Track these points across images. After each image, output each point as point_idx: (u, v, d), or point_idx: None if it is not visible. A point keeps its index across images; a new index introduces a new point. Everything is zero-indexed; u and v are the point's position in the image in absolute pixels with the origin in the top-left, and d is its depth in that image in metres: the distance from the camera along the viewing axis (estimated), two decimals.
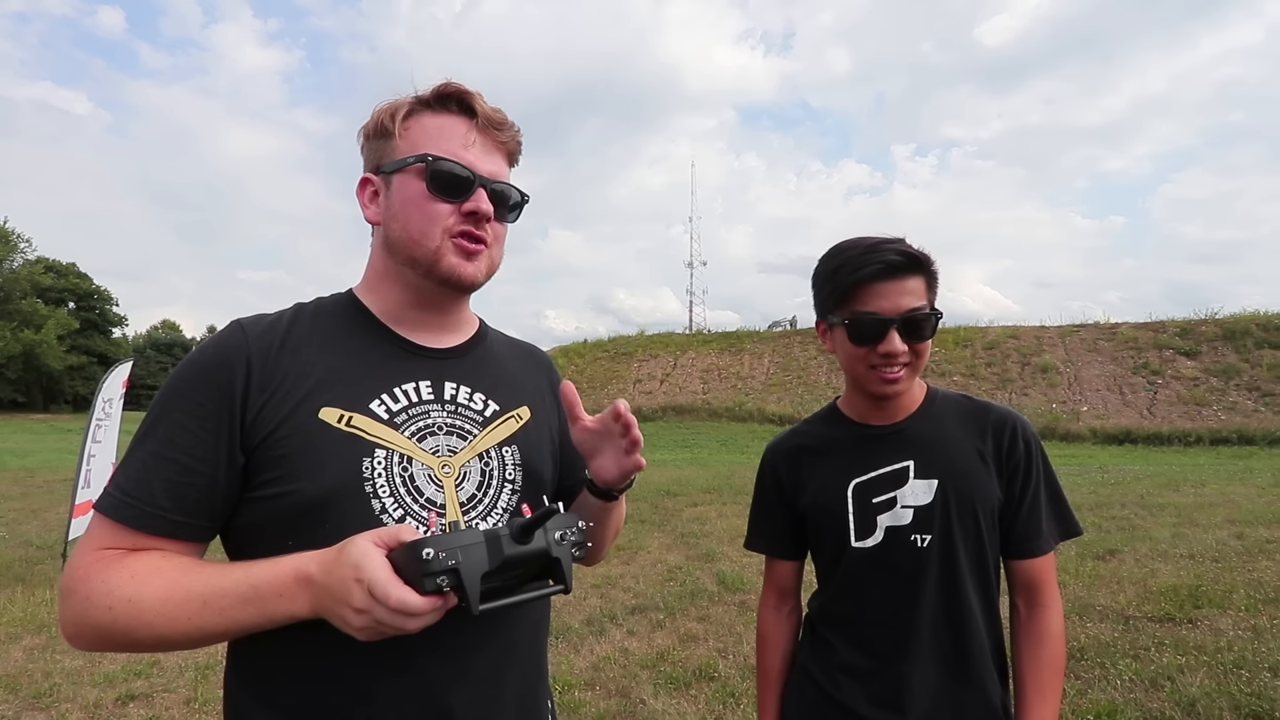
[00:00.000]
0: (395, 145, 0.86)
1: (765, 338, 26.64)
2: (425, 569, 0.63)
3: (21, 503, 9.69)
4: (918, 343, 1.07)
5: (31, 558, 6.42)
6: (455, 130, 0.86)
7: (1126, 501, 7.54)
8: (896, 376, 1.08)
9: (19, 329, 41.33)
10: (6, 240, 42.93)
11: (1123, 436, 15.84)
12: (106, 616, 0.71)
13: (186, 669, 3.56)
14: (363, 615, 0.65)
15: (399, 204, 0.85)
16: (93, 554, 0.74)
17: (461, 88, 0.87)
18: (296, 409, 0.79)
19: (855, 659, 1.14)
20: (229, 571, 0.73)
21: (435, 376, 0.89)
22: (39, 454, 17.84)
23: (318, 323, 0.87)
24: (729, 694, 3.19)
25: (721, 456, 14.76)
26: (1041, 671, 1.10)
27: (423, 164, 0.84)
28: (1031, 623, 1.13)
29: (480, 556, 0.66)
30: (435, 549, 0.64)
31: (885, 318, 1.05)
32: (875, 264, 1.05)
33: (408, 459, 0.82)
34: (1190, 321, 19.81)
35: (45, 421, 33.99)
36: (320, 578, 0.68)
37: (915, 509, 1.11)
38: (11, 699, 3.30)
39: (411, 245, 0.85)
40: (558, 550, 0.71)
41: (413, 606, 0.63)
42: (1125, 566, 4.97)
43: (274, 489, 0.77)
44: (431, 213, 0.84)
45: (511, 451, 0.91)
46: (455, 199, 0.84)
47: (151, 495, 0.75)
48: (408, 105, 0.87)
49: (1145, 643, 3.55)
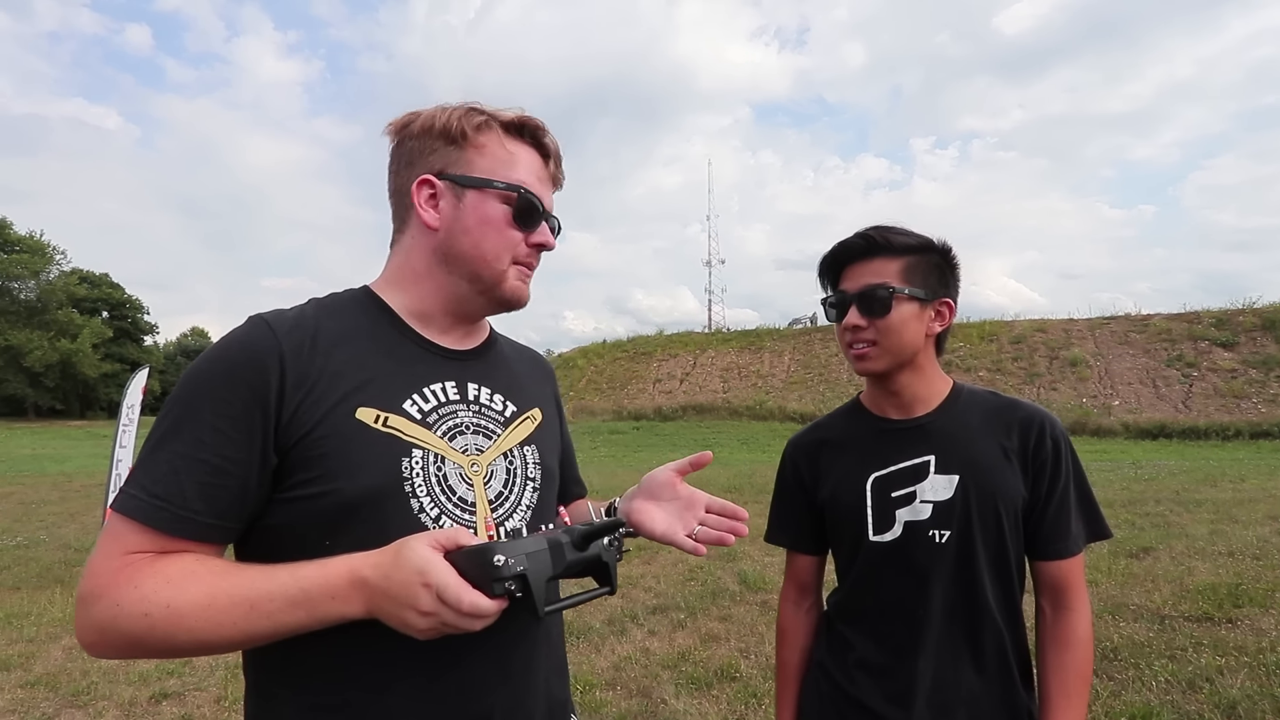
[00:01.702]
0: (468, 158, 0.86)
1: (785, 335, 26.46)
2: (496, 574, 0.67)
3: (60, 506, 10.00)
4: (877, 318, 1.09)
5: (70, 560, 6.62)
6: (533, 164, 0.90)
7: (1161, 498, 7.34)
8: (863, 353, 1.12)
9: (56, 338, 42.65)
10: (43, 253, 44.32)
11: (1157, 431, 15.43)
12: (143, 624, 0.69)
13: (217, 668, 3.63)
14: (429, 618, 0.67)
15: (475, 222, 0.86)
16: (119, 559, 0.71)
17: (538, 122, 0.91)
18: (334, 409, 0.78)
19: (871, 654, 1.13)
20: (274, 574, 0.72)
21: (459, 377, 0.90)
22: (76, 459, 18.41)
23: (344, 321, 0.86)
24: (751, 694, 3.17)
25: (742, 455, 14.69)
26: (1067, 676, 1.08)
27: (513, 193, 0.87)
28: (1057, 626, 1.11)
29: (545, 562, 0.71)
30: (506, 555, 0.68)
31: (844, 295, 1.12)
32: (838, 249, 1.14)
33: (441, 458, 0.83)
34: (1227, 311, 19.23)
35: (82, 428, 35.05)
36: (378, 581, 0.69)
37: (935, 504, 1.10)
38: (52, 697, 3.40)
39: (480, 264, 0.88)
40: (606, 555, 0.78)
41: (485, 609, 0.66)
42: (1160, 564, 4.83)
43: (311, 489, 0.76)
44: (509, 239, 0.88)
45: (531, 450, 0.93)
46: (529, 229, 0.89)
47: (184, 498, 0.72)
48: (483, 119, 0.87)
49: (1182, 643, 3.44)
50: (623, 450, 17.19)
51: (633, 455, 15.70)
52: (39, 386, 43.45)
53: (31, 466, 16.67)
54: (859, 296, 1.09)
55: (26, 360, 41.16)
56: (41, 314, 43.30)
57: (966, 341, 21.43)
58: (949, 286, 1.14)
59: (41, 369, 42.00)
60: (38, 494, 11.36)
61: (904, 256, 1.10)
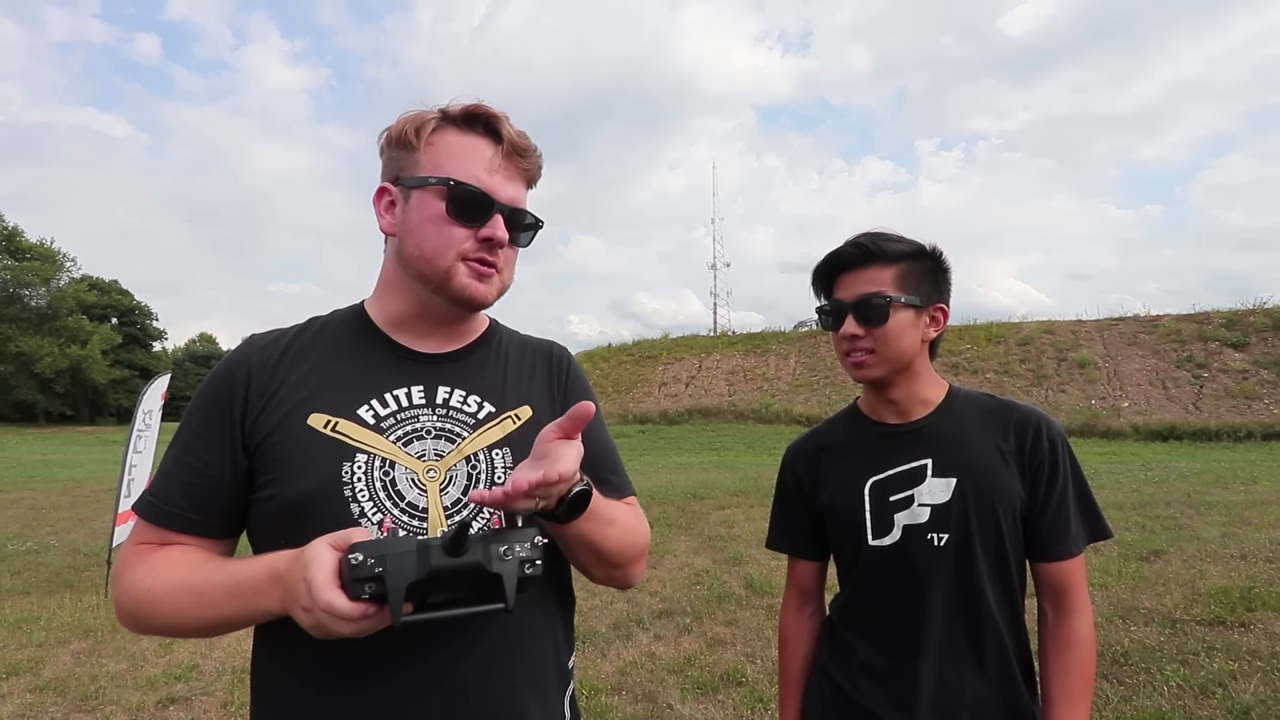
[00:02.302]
0: (417, 159, 0.86)
1: (791, 338, 26.39)
2: (353, 574, 0.63)
3: (70, 512, 10.07)
4: (874, 327, 1.09)
5: (79, 565, 6.66)
6: (480, 153, 0.86)
7: (1172, 500, 7.26)
8: (860, 360, 1.12)
9: (66, 345, 43.07)
10: (53, 260, 44.79)
11: (1167, 433, 15.28)
12: (134, 604, 0.80)
13: (224, 673, 3.64)
14: (308, 614, 0.66)
15: (416, 221, 0.86)
16: (132, 548, 0.84)
17: (490, 110, 0.87)
18: (288, 415, 0.83)
19: (874, 659, 1.13)
20: (223, 567, 0.79)
21: (429, 381, 0.89)
22: (86, 465, 18.54)
23: (323, 334, 0.91)
24: (757, 699, 3.15)
25: (748, 459, 14.64)
26: (1070, 678, 1.07)
27: (444, 186, 0.84)
28: (1059, 628, 1.10)
29: (408, 566, 0.64)
30: (364, 554, 0.63)
31: (840, 303, 1.12)
32: (831, 257, 1.13)
33: (389, 463, 0.83)
34: (1237, 312, 19.04)
35: (91, 433, 35.32)
36: (284, 576, 0.71)
37: (933, 507, 1.10)
38: (61, 701, 3.42)
39: (424, 263, 0.86)
40: (499, 566, 0.67)
41: (339, 610, 0.64)
42: (1171, 567, 4.78)
43: (267, 491, 0.83)
44: (448, 235, 0.85)
45: (503, 454, 0.88)
46: (473, 223, 0.85)
47: (170, 495, 0.83)
48: (434, 120, 0.86)
49: (1194, 647, 3.40)
50: (629, 454, 17.08)
51: (639, 459, 15.68)
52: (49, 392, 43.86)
53: (41, 472, 16.80)
54: (855, 305, 1.10)
55: (37, 367, 41.57)
56: (52, 321, 43.75)
57: (974, 343, 21.32)
58: (942, 291, 1.15)
59: (52, 375, 42.41)
60: (48, 499, 11.44)
61: (898, 264, 1.10)
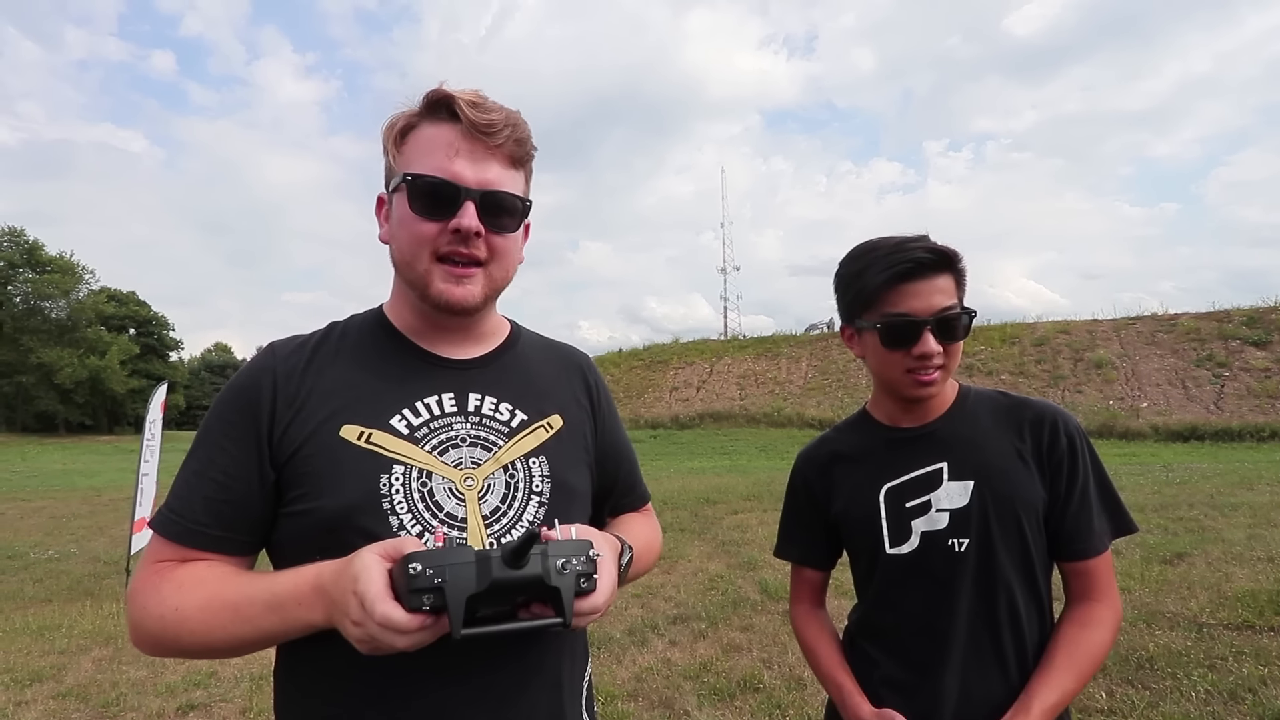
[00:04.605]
0: (397, 164, 0.84)
1: (802, 341, 26.28)
2: (411, 585, 0.61)
3: (90, 520, 10.21)
4: (951, 343, 1.04)
5: (99, 573, 6.75)
6: (444, 141, 0.80)
7: (1195, 501, 7.13)
8: (932, 379, 1.04)
9: (85, 356, 43.74)
10: (72, 273, 45.55)
11: (1188, 433, 15.02)
12: (159, 625, 0.75)
13: (242, 679, 3.66)
14: (359, 628, 0.64)
15: (395, 225, 0.84)
16: (150, 567, 0.79)
17: (446, 92, 0.80)
18: (320, 427, 0.80)
19: (896, 672, 1.09)
20: (259, 580, 0.76)
21: (459, 388, 0.87)
22: (105, 474, 18.80)
23: (345, 341, 0.88)
24: (774, 705, 3.12)
25: (761, 463, 14.57)
26: (1077, 649, 1.03)
27: (403, 182, 0.80)
28: (1079, 610, 1.06)
29: (468, 577, 0.62)
30: (423, 565, 0.61)
31: (918, 319, 1.01)
32: (904, 263, 1.01)
33: (427, 474, 0.80)
34: (1258, 309, 18.71)
35: (110, 443, 35.80)
36: (329, 588, 0.69)
37: (951, 512, 1.06)
38: (83, 707, 3.45)
39: (405, 268, 0.85)
40: (557, 580, 0.66)
41: (396, 623, 0.62)
42: (1196, 570, 4.68)
43: (300, 505, 0.79)
44: (418, 233, 0.80)
45: (540, 462, 0.87)
46: (442, 217, 0.79)
47: (193, 512, 0.78)
48: (404, 119, 0.84)
49: (1221, 652, 3.32)
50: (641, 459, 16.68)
51: (651, 464, 15.63)
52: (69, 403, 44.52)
53: (62, 481, 17.06)
54: (937, 322, 1.01)
55: (57, 377, 42.23)
56: (71, 332, 44.46)
57: (988, 344, 21.11)
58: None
59: (71, 385, 43.06)
60: (68, 508, 11.61)
61: (956, 272, 1.05)
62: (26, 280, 43.94)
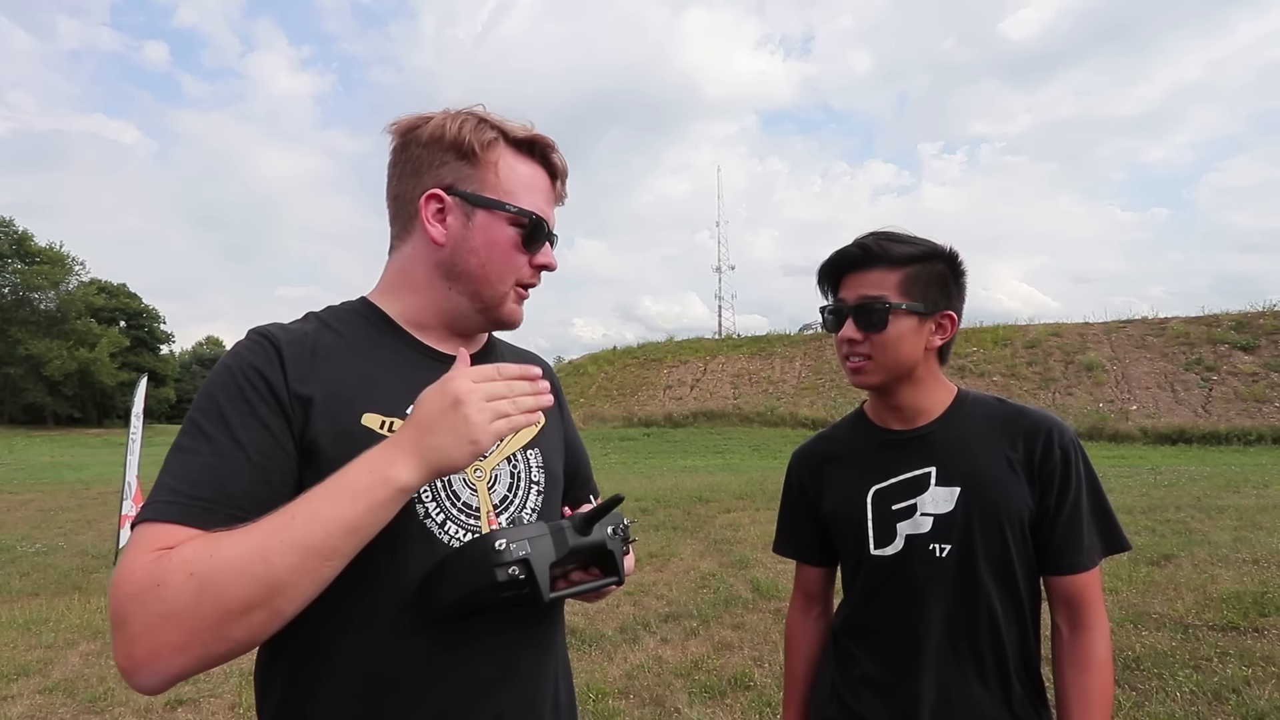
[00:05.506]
0: (481, 177, 0.84)
1: (796, 341, 26.35)
2: (498, 559, 0.68)
3: (78, 514, 10.13)
4: (873, 333, 1.05)
5: (87, 566, 6.70)
6: (543, 186, 0.90)
7: (1182, 504, 7.20)
8: (858, 366, 1.09)
9: (75, 348, 43.38)
10: (63, 264, 45.17)
11: (1176, 436, 15.18)
12: (191, 584, 0.62)
13: (231, 675, 3.64)
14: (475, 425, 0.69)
15: (483, 242, 0.85)
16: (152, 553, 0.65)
17: (548, 141, 0.89)
18: (339, 415, 0.78)
19: (876, 671, 1.10)
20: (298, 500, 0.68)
21: None
22: (94, 467, 18.65)
23: (341, 331, 0.87)
24: (765, 703, 3.13)
25: (754, 462, 14.61)
26: (1090, 702, 1.03)
27: (525, 219, 0.86)
28: (1075, 647, 1.06)
29: (548, 547, 0.72)
30: (508, 540, 0.69)
31: (841, 306, 1.08)
32: (836, 256, 1.10)
33: None
34: (1246, 314, 18.94)
35: (99, 436, 35.53)
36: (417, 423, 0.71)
37: (935, 517, 1.07)
38: (70, 702, 3.43)
39: (484, 284, 0.87)
40: (611, 543, 0.77)
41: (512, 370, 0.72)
42: (1182, 572, 4.73)
43: None
44: (515, 263, 0.88)
45: (535, 454, 0.92)
46: (534, 252, 0.89)
47: (230, 498, 0.70)
48: (495, 135, 0.85)
49: (1207, 652, 3.37)
50: (634, 457, 17.12)
51: (644, 462, 15.66)
52: (58, 395, 44.17)
53: (50, 474, 16.91)
54: (855, 309, 1.06)
55: (46, 369, 41.88)
56: (61, 324, 44.08)
57: (980, 346, 21.24)
58: (952, 298, 1.09)
59: (60, 378, 42.72)
60: (56, 501, 11.51)
61: (904, 267, 1.05)
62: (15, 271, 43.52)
